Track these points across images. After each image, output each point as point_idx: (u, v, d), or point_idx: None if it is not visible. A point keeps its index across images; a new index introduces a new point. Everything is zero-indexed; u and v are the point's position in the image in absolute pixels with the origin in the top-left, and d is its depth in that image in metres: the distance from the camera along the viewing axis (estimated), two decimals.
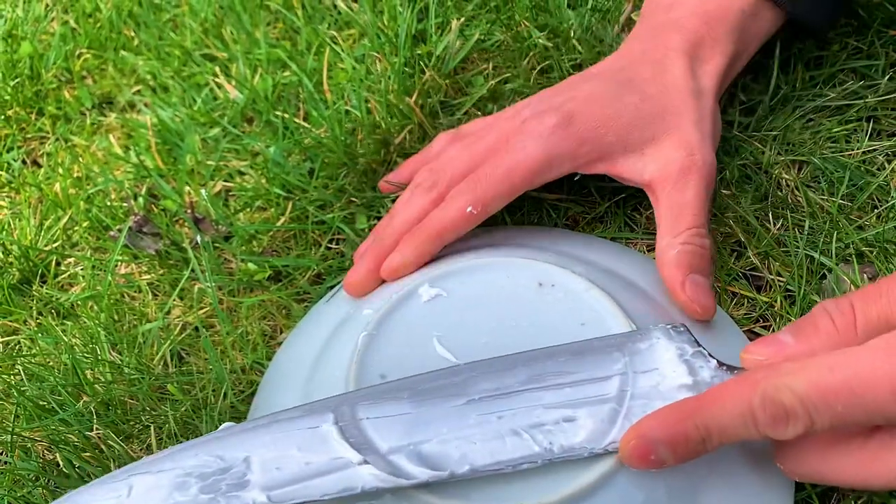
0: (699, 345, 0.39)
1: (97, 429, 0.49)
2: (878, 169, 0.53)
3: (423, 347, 0.42)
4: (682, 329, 0.40)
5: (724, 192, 0.52)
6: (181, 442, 0.48)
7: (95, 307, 0.56)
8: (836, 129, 0.55)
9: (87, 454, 0.48)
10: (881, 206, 0.51)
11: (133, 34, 0.74)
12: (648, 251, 0.52)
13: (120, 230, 0.58)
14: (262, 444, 0.38)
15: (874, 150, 0.54)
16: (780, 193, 0.53)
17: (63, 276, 0.59)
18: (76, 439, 0.49)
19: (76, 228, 0.61)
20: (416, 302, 0.44)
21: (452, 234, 0.47)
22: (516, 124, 0.49)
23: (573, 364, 0.39)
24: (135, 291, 0.57)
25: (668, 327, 0.40)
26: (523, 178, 0.47)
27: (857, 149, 0.53)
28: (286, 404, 0.45)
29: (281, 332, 0.53)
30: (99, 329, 0.54)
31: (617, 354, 0.40)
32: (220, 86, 0.67)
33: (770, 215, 0.51)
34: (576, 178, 0.53)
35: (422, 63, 0.61)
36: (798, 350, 0.36)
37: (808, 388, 0.33)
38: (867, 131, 0.54)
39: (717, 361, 0.39)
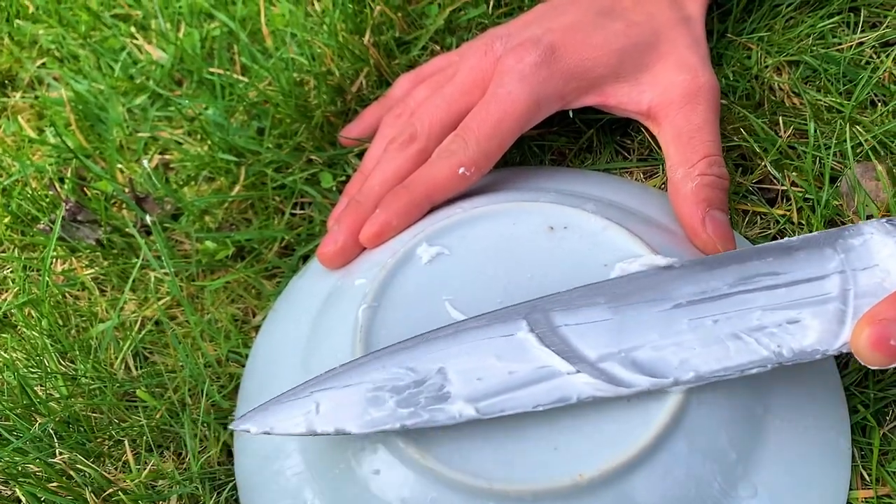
0: None
1: (60, 453, 0.41)
2: (866, 62, 0.49)
3: (435, 314, 0.37)
4: None
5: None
6: (161, 453, 0.42)
7: (34, 313, 0.47)
8: (820, 25, 0.50)
9: (54, 484, 0.40)
10: (884, 100, 0.46)
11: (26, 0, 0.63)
12: (647, 179, 0.47)
13: (52, 221, 0.49)
14: (454, 354, 0.34)
15: (862, 42, 0.49)
16: (773, 98, 0.48)
17: None
18: (37, 468, 0.41)
19: None
20: (415, 264, 0.38)
21: (442, 195, 0.42)
22: (490, 62, 0.44)
23: (783, 263, 0.35)
24: (78, 290, 0.49)
25: (882, 221, 0.35)
26: (512, 129, 0.42)
27: (847, 42, 0.49)
28: (280, 392, 0.39)
29: (254, 316, 0.47)
30: (43, 337, 0.46)
31: (829, 251, 0.35)
32: (139, 47, 0.58)
33: (780, 122, 0.46)
34: (570, 117, 0.47)
35: None
36: None
37: None
38: (852, 24, 0.50)
39: None
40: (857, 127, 0.45)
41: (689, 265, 0.36)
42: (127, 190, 0.50)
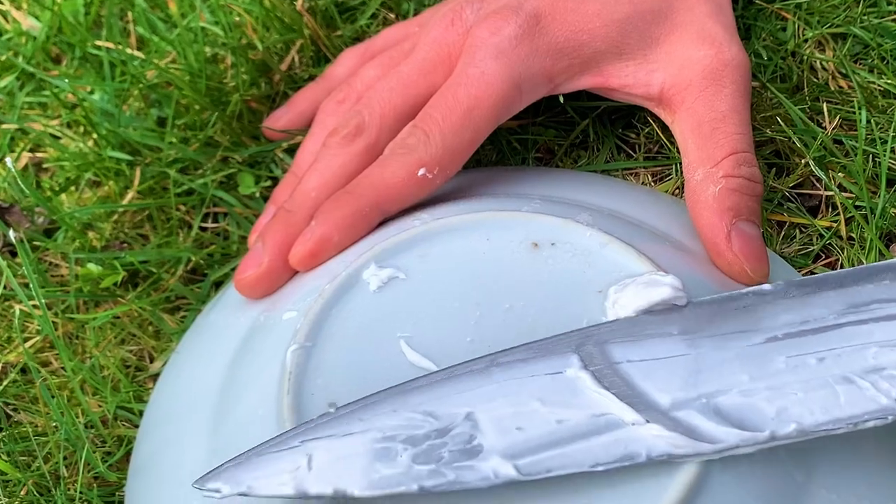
0: None
1: None
2: None
3: (386, 357, 0.36)
4: None
5: None
6: None
7: None
8: None
9: None
10: None
11: None
12: (656, 182, 0.48)
13: None
14: (485, 395, 0.33)
15: None
16: (815, 80, 0.49)
17: None
18: None
19: None
20: (361, 292, 0.38)
21: (396, 203, 0.41)
22: (457, 34, 0.44)
23: None
24: None
25: None
26: (487, 120, 0.42)
27: None
28: (186, 464, 0.39)
29: (151, 361, 0.47)
30: None
31: None
32: (5, 14, 0.58)
33: (824, 110, 0.46)
34: (561, 104, 0.47)
35: None
36: None
37: None
38: None
39: None
40: None
41: (783, 287, 0.35)
42: None
